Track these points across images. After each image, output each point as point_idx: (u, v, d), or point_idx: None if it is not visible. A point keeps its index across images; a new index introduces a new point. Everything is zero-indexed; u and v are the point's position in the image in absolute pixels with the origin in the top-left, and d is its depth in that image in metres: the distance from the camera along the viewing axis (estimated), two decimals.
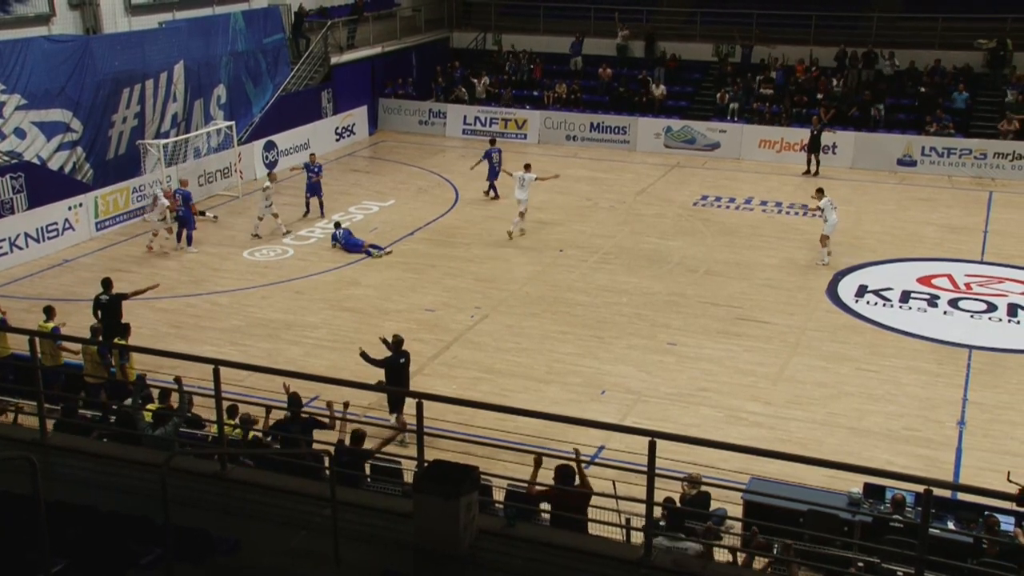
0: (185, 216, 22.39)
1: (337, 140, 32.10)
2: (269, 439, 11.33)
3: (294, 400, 11.52)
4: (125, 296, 16.23)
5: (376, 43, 34.13)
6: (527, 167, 23.60)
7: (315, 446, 10.19)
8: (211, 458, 8.84)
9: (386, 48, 34.51)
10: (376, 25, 34.44)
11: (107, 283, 16.30)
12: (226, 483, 8.44)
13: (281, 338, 17.79)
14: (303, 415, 11.50)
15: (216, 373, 8.53)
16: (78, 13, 24.51)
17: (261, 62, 29.53)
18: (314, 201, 24.68)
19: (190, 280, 20.47)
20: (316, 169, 24.15)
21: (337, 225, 22.92)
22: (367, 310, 19.11)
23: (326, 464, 8.49)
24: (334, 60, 32.16)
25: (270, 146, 28.98)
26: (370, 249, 21.97)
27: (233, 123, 27.14)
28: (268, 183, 23.33)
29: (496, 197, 26.11)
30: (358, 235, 22.62)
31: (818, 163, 28.50)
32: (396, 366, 14.27)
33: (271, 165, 28.97)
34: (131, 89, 24.69)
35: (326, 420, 11.29)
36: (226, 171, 27.03)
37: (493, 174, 26.04)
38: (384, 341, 14.61)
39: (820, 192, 22.02)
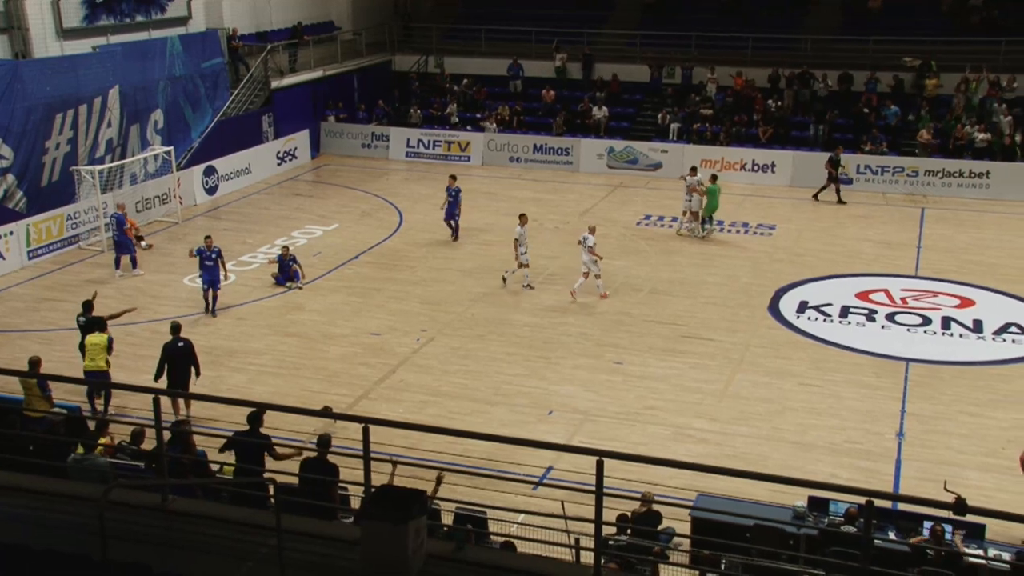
0: (120, 240, 22.07)
1: (279, 164, 31.84)
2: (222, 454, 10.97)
3: (255, 417, 11.13)
4: (102, 319, 16.06)
5: (317, 67, 34.00)
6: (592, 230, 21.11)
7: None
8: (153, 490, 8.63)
9: (327, 72, 34.40)
10: (317, 49, 34.32)
11: (87, 305, 16.36)
12: (168, 515, 8.24)
13: (224, 365, 17.52)
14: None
15: (156, 403, 8.35)
16: (6, 37, 24.09)
17: (200, 86, 29.23)
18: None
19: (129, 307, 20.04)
20: (212, 254, 19.74)
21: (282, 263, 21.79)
22: (312, 335, 18.92)
23: (271, 492, 8.34)
24: (274, 84, 31.96)
25: (210, 171, 28.65)
26: (289, 285, 21.37)
27: (172, 148, 26.78)
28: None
29: (455, 239, 24.58)
30: (301, 258, 22.25)
31: (838, 190, 28.07)
32: (174, 351, 14.90)
33: (211, 190, 28.67)
34: (64, 114, 24.23)
35: (287, 449, 10.98)
36: (165, 197, 26.63)
37: (451, 214, 24.53)
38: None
39: (694, 170, 24.86)
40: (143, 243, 23.66)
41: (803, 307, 20.23)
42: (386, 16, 38.90)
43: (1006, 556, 10.58)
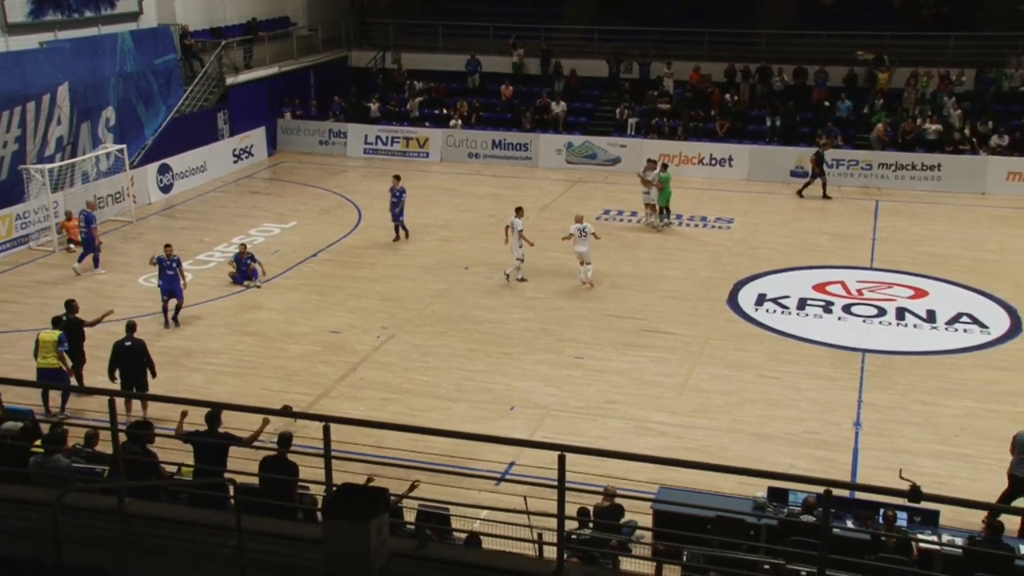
0: (88, 238, 21.90)
1: (235, 162, 31.48)
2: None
3: (212, 417, 11.01)
4: (84, 322, 16.08)
5: (273, 63, 33.65)
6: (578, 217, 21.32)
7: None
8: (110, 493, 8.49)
9: (283, 68, 34.07)
10: (272, 45, 33.97)
11: (70, 306, 16.15)
12: (125, 518, 8.11)
13: (182, 365, 17.30)
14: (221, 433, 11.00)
15: (111, 405, 8.22)
16: None
17: (152, 83, 28.79)
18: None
19: (83, 309, 19.65)
20: (172, 263, 19.05)
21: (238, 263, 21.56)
22: (271, 334, 18.75)
23: (231, 493, 8.25)
24: (229, 81, 31.58)
25: (164, 169, 28.25)
26: (247, 283, 21.17)
27: (124, 146, 26.35)
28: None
29: (396, 239, 24.23)
30: (259, 256, 22.06)
31: (824, 185, 28.18)
32: (122, 350, 14.87)
33: (166, 189, 28.28)
34: (10, 112, 23.73)
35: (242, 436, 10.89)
36: (118, 196, 26.20)
37: (397, 214, 24.19)
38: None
39: (652, 163, 25.41)
40: (72, 245, 23.35)
41: (761, 300, 20.43)
42: (342, 12, 38.61)
43: (959, 541, 10.76)
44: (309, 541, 7.50)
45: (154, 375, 15.40)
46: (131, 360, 15.20)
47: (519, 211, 21.56)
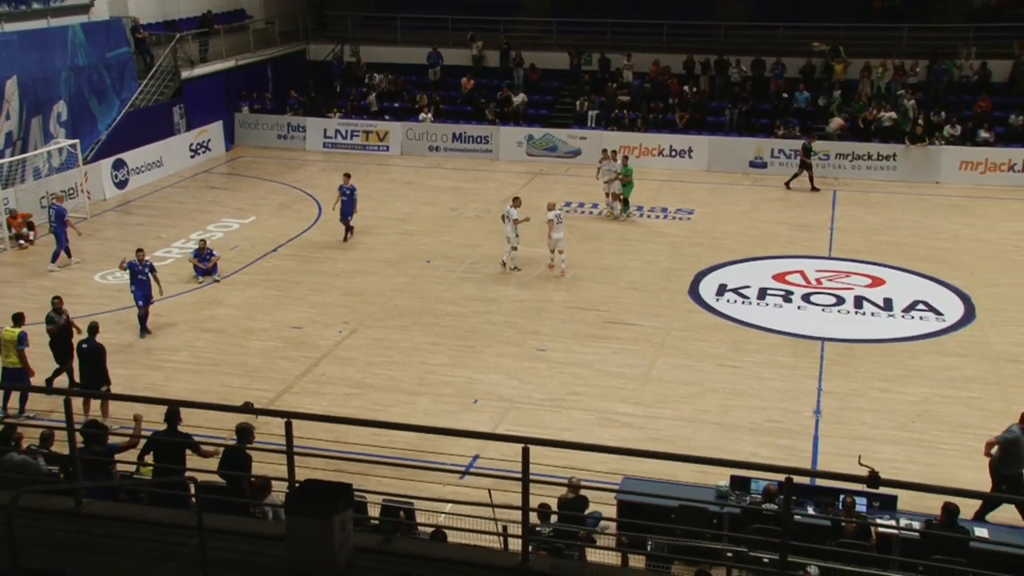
0: (58, 232, 21.61)
1: (192, 156, 31.09)
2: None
3: (172, 415, 10.87)
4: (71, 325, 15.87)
5: (229, 56, 33.26)
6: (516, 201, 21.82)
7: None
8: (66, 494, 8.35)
9: (240, 61, 33.68)
10: (228, 38, 33.58)
11: (56, 302, 15.93)
12: (83, 519, 7.98)
13: (140, 363, 17.07)
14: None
15: (67, 405, 8.08)
16: None
17: (105, 77, 28.32)
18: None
19: (37, 307, 19.31)
20: (144, 268, 18.35)
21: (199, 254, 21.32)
22: (230, 330, 18.55)
23: (192, 492, 8.15)
24: (185, 74, 31.16)
25: (119, 164, 27.83)
26: (202, 280, 20.93)
27: (77, 141, 25.89)
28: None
29: (346, 239, 23.59)
30: (218, 251, 21.83)
31: (811, 177, 28.26)
32: (79, 352, 14.82)
33: (121, 184, 27.87)
34: None
35: (209, 448, 10.80)
36: (72, 191, 25.75)
37: (346, 213, 23.47)
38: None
39: (613, 154, 25.86)
40: (21, 241, 23.01)
41: (722, 290, 20.59)
42: (299, 5, 38.21)
43: (916, 525, 10.94)
44: (272, 538, 7.43)
45: (102, 385, 14.99)
46: (87, 362, 14.98)
47: (516, 201, 21.79)
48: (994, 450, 12.32)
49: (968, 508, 10.81)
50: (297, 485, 7.39)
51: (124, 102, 28.90)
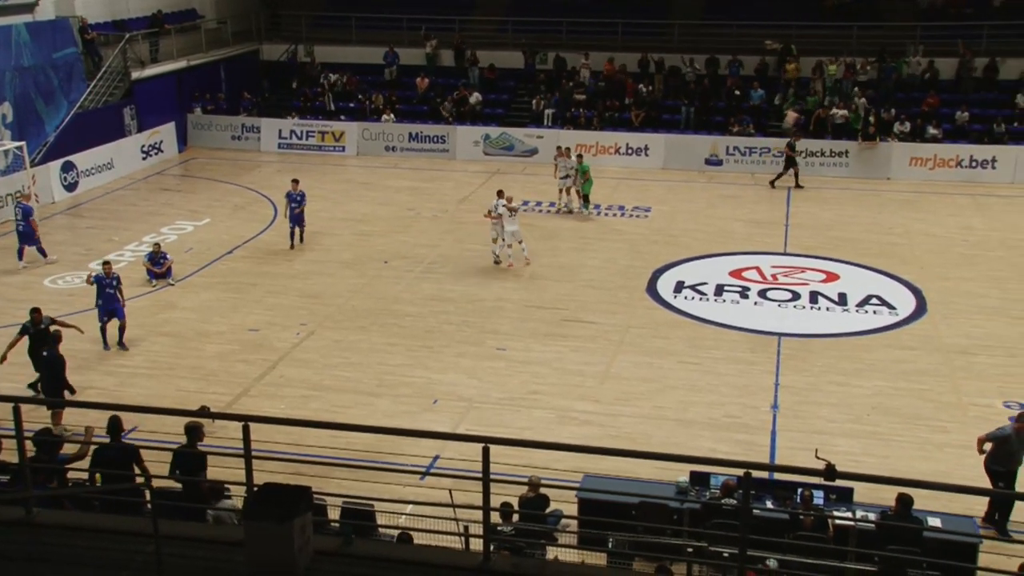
0: (25, 231, 21.35)
1: (144, 158, 30.64)
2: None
3: (114, 425, 10.70)
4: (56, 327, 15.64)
5: (181, 57, 32.82)
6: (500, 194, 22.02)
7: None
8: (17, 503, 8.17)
9: (192, 62, 33.24)
10: (180, 38, 33.13)
11: (34, 311, 15.71)
12: (34, 529, 7.81)
13: (94, 369, 16.77)
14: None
15: (16, 412, 7.90)
16: None
17: (52, 78, 27.81)
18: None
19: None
20: (112, 281, 17.69)
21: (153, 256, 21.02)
22: (186, 334, 18.31)
23: (147, 498, 8.02)
24: (135, 75, 30.69)
25: (68, 167, 27.33)
26: (155, 283, 20.64)
27: (23, 143, 25.34)
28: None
29: (292, 247, 22.89)
30: (172, 254, 21.53)
31: (796, 174, 28.40)
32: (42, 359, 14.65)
33: (71, 187, 27.37)
34: None
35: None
36: (19, 195, 25.21)
37: (296, 220, 22.85)
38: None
39: (567, 150, 26.15)
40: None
41: (680, 287, 20.72)
42: (252, 4, 37.82)
43: (872, 516, 11.09)
44: (231, 543, 7.33)
45: (46, 392, 14.81)
46: (46, 371, 14.78)
47: (500, 194, 22.02)
48: (986, 446, 12.35)
49: (922, 499, 10.95)
50: (255, 489, 7.29)
51: (73, 103, 28.40)
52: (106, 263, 18.15)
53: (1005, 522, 12.14)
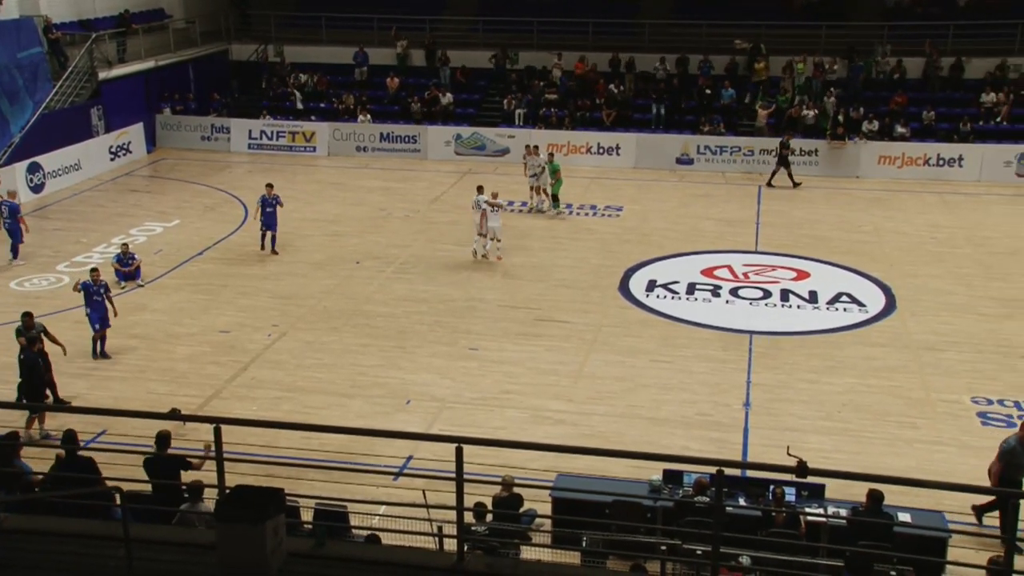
0: (11, 228, 21.31)
1: (112, 159, 30.31)
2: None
3: (69, 438, 10.61)
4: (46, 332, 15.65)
5: (149, 57, 32.50)
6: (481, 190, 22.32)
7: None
8: None
9: (160, 62, 32.94)
10: (148, 38, 32.82)
11: (26, 316, 15.59)
12: (2, 534, 7.71)
13: (64, 372, 16.48)
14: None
15: None
16: None
17: (17, 78, 27.42)
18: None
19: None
20: (100, 288, 17.42)
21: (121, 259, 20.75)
22: (156, 336, 18.13)
23: (117, 501, 7.93)
24: (102, 75, 30.36)
25: (35, 168, 26.98)
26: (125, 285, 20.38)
27: None
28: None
29: (264, 249, 22.54)
30: (140, 255, 21.33)
31: (790, 173, 28.40)
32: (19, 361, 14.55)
33: (37, 188, 27.02)
34: None
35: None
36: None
37: (268, 223, 22.40)
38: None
39: (536, 148, 26.34)
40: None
41: (652, 286, 20.80)
42: (221, 4, 37.53)
43: (843, 512, 11.19)
44: (202, 546, 7.27)
45: (35, 394, 14.61)
46: (23, 373, 14.66)
47: (480, 190, 22.25)
48: (996, 468, 12.04)
49: (892, 495, 11.04)
50: (227, 491, 7.24)
51: (38, 104, 28.05)
52: (94, 270, 17.69)
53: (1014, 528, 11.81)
